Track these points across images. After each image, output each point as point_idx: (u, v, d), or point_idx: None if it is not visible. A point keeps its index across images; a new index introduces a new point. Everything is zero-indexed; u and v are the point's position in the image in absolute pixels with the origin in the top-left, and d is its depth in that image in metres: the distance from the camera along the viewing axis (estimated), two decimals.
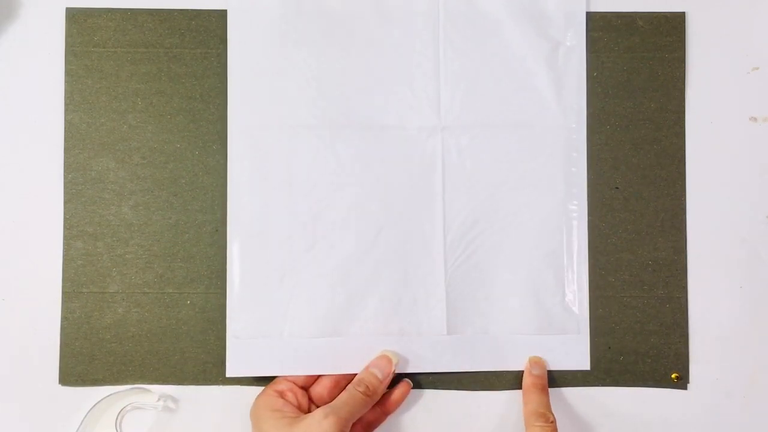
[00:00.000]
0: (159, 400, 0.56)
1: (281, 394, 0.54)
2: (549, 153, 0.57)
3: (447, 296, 0.57)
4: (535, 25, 0.58)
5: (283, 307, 0.56)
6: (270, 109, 0.57)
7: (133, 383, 0.57)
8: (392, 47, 0.57)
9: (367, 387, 0.53)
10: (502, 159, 0.57)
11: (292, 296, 0.56)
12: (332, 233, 0.56)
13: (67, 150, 0.57)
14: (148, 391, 0.57)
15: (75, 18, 0.58)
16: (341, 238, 0.56)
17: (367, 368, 0.55)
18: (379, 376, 0.54)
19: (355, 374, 0.55)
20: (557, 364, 0.57)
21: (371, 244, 0.57)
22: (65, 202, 0.57)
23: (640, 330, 0.58)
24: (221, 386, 0.57)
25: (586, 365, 0.57)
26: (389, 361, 0.55)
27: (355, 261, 0.56)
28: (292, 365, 0.55)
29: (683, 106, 0.59)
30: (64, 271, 0.57)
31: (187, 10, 0.58)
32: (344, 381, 0.55)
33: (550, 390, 0.57)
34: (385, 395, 0.56)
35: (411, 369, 0.56)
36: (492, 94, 0.57)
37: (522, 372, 0.57)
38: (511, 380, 0.57)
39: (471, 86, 0.57)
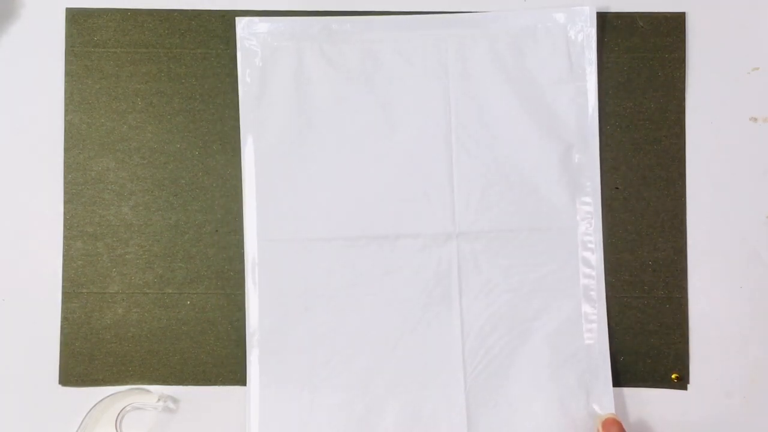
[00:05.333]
0: (159, 400, 0.56)
1: None
2: (565, 256, 0.57)
3: (467, 404, 0.56)
4: (546, 127, 0.57)
5: (305, 419, 0.55)
6: (284, 223, 0.56)
7: (133, 383, 0.57)
8: (404, 156, 0.57)
9: None
10: (518, 263, 0.57)
11: (312, 408, 0.55)
12: (350, 344, 0.56)
13: (67, 150, 0.57)
14: (148, 391, 0.57)
15: (75, 18, 0.58)
16: (359, 349, 0.56)
17: None
18: None
19: None
20: None
21: (390, 354, 0.56)
22: (65, 202, 0.57)
23: (640, 330, 0.58)
24: (221, 386, 0.57)
25: None
26: None
27: (374, 371, 0.56)
28: None
29: (683, 106, 0.59)
30: (64, 271, 0.57)
31: (188, 10, 0.58)
32: None
33: None
34: None
35: None
36: (505, 198, 0.57)
37: None
38: None
39: (484, 191, 0.57)
